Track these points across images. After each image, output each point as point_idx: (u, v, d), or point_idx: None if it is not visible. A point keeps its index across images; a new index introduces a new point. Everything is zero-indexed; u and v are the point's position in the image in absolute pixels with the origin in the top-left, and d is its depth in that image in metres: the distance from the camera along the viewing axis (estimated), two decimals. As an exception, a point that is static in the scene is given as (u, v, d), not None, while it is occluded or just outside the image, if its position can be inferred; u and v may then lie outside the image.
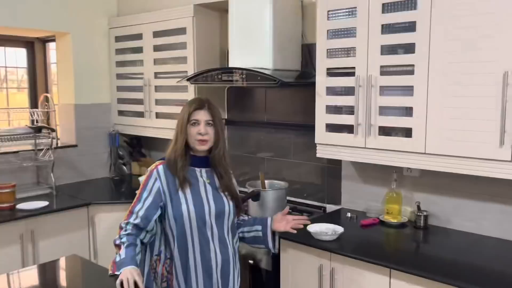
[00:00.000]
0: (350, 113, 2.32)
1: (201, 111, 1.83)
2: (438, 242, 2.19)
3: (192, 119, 1.82)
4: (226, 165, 1.90)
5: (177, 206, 1.79)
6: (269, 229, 1.95)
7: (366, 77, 2.22)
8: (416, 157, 2.11)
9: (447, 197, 2.35)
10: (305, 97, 2.85)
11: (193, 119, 1.82)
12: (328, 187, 2.82)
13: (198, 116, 1.82)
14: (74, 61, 3.52)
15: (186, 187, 1.81)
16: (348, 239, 2.20)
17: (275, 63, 2.64)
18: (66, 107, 3.64)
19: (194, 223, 1.79)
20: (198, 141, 1.81)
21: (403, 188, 2.49)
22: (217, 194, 1.87)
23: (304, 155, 2.91)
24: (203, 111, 1.83)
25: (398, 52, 2.13)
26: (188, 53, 3.08)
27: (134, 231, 1.76)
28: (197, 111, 1.83)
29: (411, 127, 2.11)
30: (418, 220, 2.36)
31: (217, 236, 1.84)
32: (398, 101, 2.15)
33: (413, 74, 2.07)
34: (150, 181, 1.82)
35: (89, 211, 3.00)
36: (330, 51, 2.37)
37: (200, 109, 1.83)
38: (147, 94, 3.39)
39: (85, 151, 3.62)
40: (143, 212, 1.78)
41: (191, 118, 1.82)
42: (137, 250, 1.74)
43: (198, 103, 1.85)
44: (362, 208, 2.68)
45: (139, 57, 3.46)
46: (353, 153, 2.33)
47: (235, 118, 3.28)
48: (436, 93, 2.01)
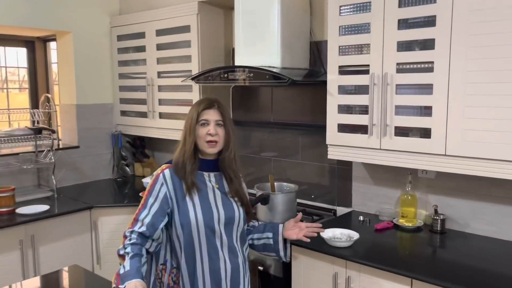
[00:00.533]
0: (364, 112, 2.23)
1: (211, 111, 1.74)
2: (457, 248, 2.09)
3: (201, 119, 1.72)
4: (237, 168, 1.81)
5: (185, 213, 1.70)
6: (280, 236, 1.85)
7: (381, 75, 2.12)
8: (435, 159, 2.01)
9: (464, 200, 2.25)
10: (314, 96, 2.76)
11: (202, 119, 1.72)
12: (338, 189, 2.73)
13: (208, 116, 1.72)
14: (75, 60, 3.43)
15: (194, 193, 1.72)
16: (362, 244, 2.10)
17: (283, 61, 2.54)
18: (67, 108, 3.55)
19: (203, 231, 1.70)
20: (207, 143, 1.72)
21: (417, 190, 2.39)
22: (226, 200, 1.78)
23: (312, 156, 2.82)
24: (212, 110, 1.74)
25: (416, 49, 2.03)
26: (193, 51, 2.99)
27: (139, 240, 1.66)
28: (206, 111, 1.73)
29: (429, 127, 2.01)
30: (435, 224, 2.27)
31: (227, 245, 1.75)
32: (416, 100, 2.05)
33: (432, 71, 1.97)
34: (157, 186, 1.73)
35: (92, 214, 2.92)
36: (342, 48, 2.27)
37: (210, 108, 1.74)
38: (150, 94, 3.30)
39: (87, 152, 3.53)
40: (149, 219, 1.68)
41: (200, 118, 1.72)
42: (142, 260, 1.64)
43: (207, 103, 1.75)
44: (374, 210, 2.59)
45: (142, 56, 3.37)
46: (367, 155, 2.24)
47: (241, 118, 3.18)
48: (458, 91, 1.91)
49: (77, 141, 3.49)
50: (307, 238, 1.83)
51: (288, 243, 1.88)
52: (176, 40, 3.10)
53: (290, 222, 1.87)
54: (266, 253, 1.91)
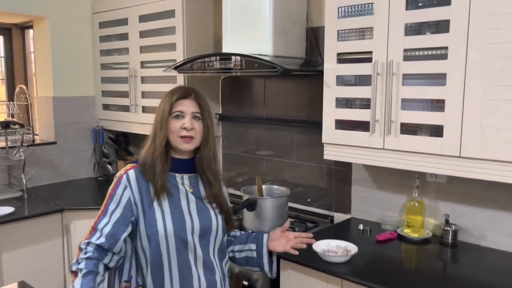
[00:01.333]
0: (365, 107, 1.94)
1: (186, 101, 1.48)
2: (471, 263, 1.81)
3: (175, 110, 1.47)
4: (217, 169, 1.56)
5: (151, 222, 1.43)
6: (265, 248, 1.58)
7: (386, 63, 1.83)
8: (448, 161, 1.72)
9: (480, 208, 1.96)
10: (310, 89, 2.48)
11: (176, 111, 1.47)
12: (336, 192, 2.45)
13: (183, 107, 1.47)
14: (52, 49, 3.16)
15: (163, 198, 1.45)
16: (362, 258, 1.82)
17: (276, 49, 2.26)
18: (44, 100, 3.28)
19: (172, 243, 1.44)
20: (182, 138, 1.46)
21: (425, 196, 2.10)
22: (202, 207, 1.52)
23: (308, 155, 2.54)
24: (188, 100, 1.49)
25: (427, 32, 1.74)
26: (177, 38, 2.71)
27: (95, 254, 1.41)
28: (181, 101, 1.48)
29: (442, 124, 1.72)
30: (446, 235, 1.98)
31: (201, 259, 1.48)
32: (425, 92, 1.76)
33: (446, 58, 1.68)
34: (119, 189, 1.46)
35: (64, 217, 2.64)
36: (341, 32, 1.98)
37: (185, 98, 1.49)
38: (133, 86, 3.02)
39: (65, 148, 3.26)
40: (109, 229, 1.42)
41: (173, 110, 1.47)
42: (97, 279, 1.38)
43: (183, 91, 1.50)
44: (376, 218, 2.30)
45: (124, 45, 3.09)
46: (369, 155, 1.95)
47: (231, 113, 2.91)
48: (476, 82, 1.62)
49: (54, 137, 3.21)
50: (295, 251, 1.56)
51: (274, 256, 1.62)
52: (160, 26, 2.82)
53: (276, 232, 1.60)
54: (249, 268, 1.64)
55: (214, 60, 2.28)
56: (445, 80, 1.69)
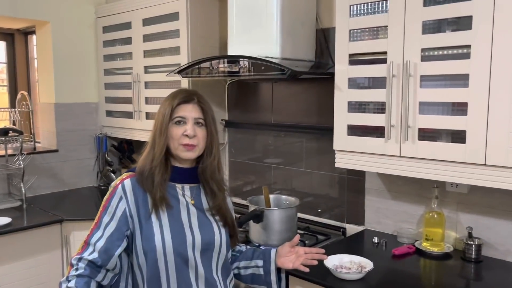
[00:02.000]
0: (379, 111, 1.81)
1: (189, 106, 1.37)
2: (496, 281, 1.65)
3: (176, 116, 1.36)
4: (221, 179, 1.45)
5: (149, 237, 1.32)
6: (272, 265, 1.46)
7: (402, 64, 1.70)
8: (471, 170, 1.58)
9: (506, 221, 1.81)
10: (320, 93, 2.35)
11: (178, 116, 1.36)
12: (348, 203, 2.31)
13: (185, 113, 1.36)
14: (54, 54, 3.08)
15: (162, 211, 1.34)
16: (377, 275, 1.68)
17: (284, 52, 2.14)
18: (46, 107, 3.19)
19: (171, 260, 1.32)
20: (184, 146, 1.35)
21: (445, 207, 1.96)
22: (204, 220, 1.40)
23: (319, 163, 2.40)
24: (191, 105, 1.38)
25: (447, 30, 1.61)
26: (181, 42, 2.61)
27: (87, 271, 1.29)
28: (183, 106, 1.37)
29: (464, 129, 1.58)
30: (468, 250, 1.83)
31: (203, 278, 1.36)
32: (446, 95, 1.62)
33: (468, 58, 1.55)
34: (113, 200, 1.35)
35: (63, 228, 2.53)
36: (353, 32, 1.86)
37: (187, 102, 1.38)
38: (136, 91, 2.93)
39: (67, 156, 3.17)
40: (102, 243, 1.31)
41: (175, 115, 1.36)
42: (88, 300, 1.27)
43: (185, 95, 1.39)
44: (391, 230, 2.16)
45: (127, 50, 2.99)
46: (384, 164, 1.81)
47: (237, 119, 2.79)
48: (502, 83, 1.48)
49: (56, 144, 3.12)
50: (305, 267, 1.44)
51: (283, 274, 1.49)
52: (164, 30, 2.72)
53: (284, 247, 1.48)
54: (255, 286, 1.51)
55: (219, 64, 2.16)
56: (468, 81, 1.55)
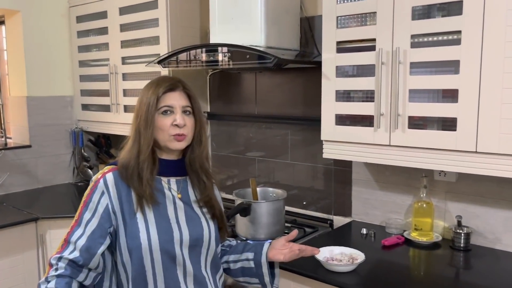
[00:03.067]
0: (368, 100, 1.77)
1: (175, 94, 1.29)
2: (485, 269, 1.65)
3: (163, 105, 1.27)
4: (209, 169, 1.38)
5: (133, 234, 1.24)
6: (264, 257, 1.39)
7: (391, 51, 1.66)
8: (462, 158, 1.56)
9: (494, 209, 1.81)
10: (306, 83, 2.31)
11: (165, 106, 1.27)
12: (336, 194, 2.27)
13: (172, 101, 1.28)
14: (25, 45, 2.92)
15: (148, 207, 1.26)
16: (368, 266, 1.65)
17: (268, 40, 2.08)
18: (17, 100, 3.04)
19: (158, 257, 1.25)
20: (174, 137, 1.27)
21: (433, 196, 1.94)
22: (192, 214, 1.33)
23: (305, 155, 2.36)
24: (177, 93, 1.30)
25: (437, 15, 1.58)
26: (161, 31, 2.51)
27: (68, 271, 1.21)
28: (169, 94, 1.28)
29: (455, 117, 1.56)
30: (457, 238, 1.82)
31: (192, 275, 1.30)
32: (436, 82, 1.60)
33: (459, 44, 1.52)
34: (95, 196, 1.27)
35: (38, 227, 2.42)
36: (341, 19, 1.81)
37: (173, 90, 1.29)
38: (114, 83, 2.81)
39: (41, 152, 3.03)
40: (83, 241, 1.23)
41: (161, 105, 1.27)
42: (69, 301, 1.19)
43: (170, 83, 1.30)
44: (379, 221, 2.14)
45: (103, 40, 2.87)
46: (373, 153, 1.78)
47: (220, 111, 2.72)
48: (493, 69, 1.46)
49: (29, 140, 2.98)
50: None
51: (277, 269, 1.43)
52: (142, 18, 2.61)
53: (279, 241, 1.42)
54: (246, 280, 1.45)
55: (201, 53, 2.09)
56: (459, 67, 1.53)
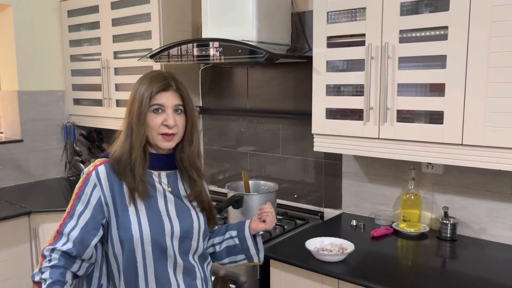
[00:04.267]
0: (358, 94, 1.81)
1: (167, 93, 1.30)
2: (471, 258, 1.70)
3: (155, 103, 1.28)
4: (200, 166, 1.41)
5: (125, 226, 1.27)
6: (247, 231, 1.42)
7: (380, 46, 1.70)
8: (449, 150, 1.60)
9: (479, 200, 1.86)
10: (297, 78, 2.34)
11: (156, 104, 1.29)
12: (326, 187, 2.31)
13: (163, 100, 1.29)
14: (16, 39, 2.91)
15: (140, 200, 1.28)
16: (358, 256, 1.69)
17: (260, 35, 2.11)
18: (8, 95, 3.03)
19: (149, 249, 1.27)
20: (162, 136, 1.29)
21: (421, 188, 1.99)
22: (182, 207, 1.36)
23: (296, 149, 2.40)
24: (170, 92, 1.30)
25: (425, 11, 1.62)
26: (153, 26, 2.52)
27: (62, 262, 1.24)
28: (162, 93, 1.29)
29: (442, 110, 1.60)
30: (444, 229, 1.87)
31: (182, 266, 1.33)
32: (424, 76, 1.64)
33: (446, 39, 1.56)
34: (87, 188, 1.28)
35: (31, 221, 2.42)
36: (331, 14, 1.84)
37: (166, 90, 1.30)
38: (106, 78, 2.82)
39: (33, 147, 3.03)
40: (77, 233, 1.25)
41: (153, 102, 1.28)
42: (64, 290, 1.21)
43: (163, 82, 1.30)
44: (368, 213, 2.18)
45: (95, 34, 2.87)
46: (363, 146, 1.82)
47: (212, 106, 2.74)
48: (479, 64, 1.50)
49: (20, 134, 2.97)
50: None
51: (260, 243, 1.45)
52: (134, 13, 2.62)
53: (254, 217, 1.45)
54: (232, 260, 1.46)
55: (193, 47, 2.10)
56: (445, 62, 1.57)
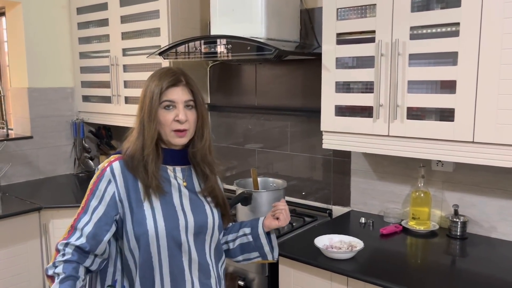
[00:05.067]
0: (368, 91, 1.80)
1: (177, 89, 1.31)
2: (481, 257, 1.69)
3: (165, 100, 1.29)
4: (213, 161, 1.41)
5: (140, 221, 1.27)
6: (260, 228, 1.43)
7: (391, 42, 1.69)
8: (460, 147, 1.59)
9: (490, 198, 1.85)
10: (306, 75, 2.33)
11: (167, 100, 1.29)
12: (334, 184, 2.31)
13: (174, 96, 1.30)
14: (26, 36, 2.93)
15: (155, 196, 1.29)
16: (366, 254, 1.69)
17: (268, 32, 2.10)
18: (18, 92, 3.05)
19: (164, 244, 1.28)
20: (175, 132, 1.30)
21: (431, 186, 1.98)
22: (197, 202, 1.36)
23: (304, 146, 2.39)
24: (180, 88, 1.31)
25: (436, 7, 1.60)
26: (161, 23, 2.53)
27: (75, 257, 1.25)
28: (172, 89, 1.30)
29: (453, 107, 1.59)
30: (454, 227, 1.86)
31: (197, 262, 1.33)
32: (435, 73, 1.63)
33: (457, 35, 1.55)
34: (101, 184, 1.29)
35: (41, 217, 2.45)
36: (341, 11, 1.83)
37: (176, 85, 1.31)
38: (114, 75, 2.83)
39: (42, 143, 3.05)
40: (90, 228, 1.26)
41: (163, 99, 1.29)
42: (77, 285, 1.23)
43: (172, 77, 1.31)
44: (377, 211, 2.17)
45: (104, 32, 2.89)
46: (372, 143, 1.81)
47: (220, 103, 2.74)
48: (491, 60, 1.49)
49: (30, 131, 3.00)
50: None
51: (275, 240, 1.46)
52: (143, 10, 2.62)
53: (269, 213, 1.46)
54: (246, 258, 1.47)
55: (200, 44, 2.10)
56: (457, 59, 1.56)
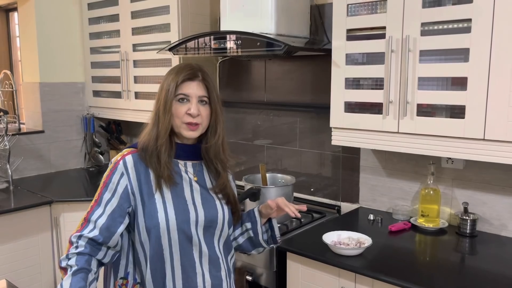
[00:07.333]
0: (377, 87, 1.79)
1: (193, 83, 1.32)
2: (491, 255, 1.68)
3: (180, 93, 1.31)
4: (226, 158, 1.41)
5: (152, 214, 1.29)
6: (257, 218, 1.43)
7: (401, 39, 1.68)
8: (470, 145, 1.58)
9: (500, 196, 1.83)
10: (315, 71, 2.32)
11: (181, 94, 1.31)
12: (343, 181, 2.31)
13: (189, 90, 1.31)
14: (38, 32, 2.96)
15: (166, 188, 1.30)
16: (375, 251, 1.68)
17: (278, 28, 2.10)
18: (30, 86, 3.09)
19: (175, 237, 1.30)
20: (186, 125, 1.31)
21: (440, 183, 1.97)
22: (208, 197, 1.37)
23: (313, 142, 2.39)
24: (195, 82, 1.32)
25: (448, 3, 1.59)
26: (172, 18, 2.53)
27: (88, 249, 1.26)
28: (187, 83, 1.32)
29: (463, 104, 1.58)
30: (463, 225, 1.85)
31: (207, 255, 1.34)
32: (446, 70, 1.61)
33: (469, 32, 1.53)
34: (114, 177, 1.31)
35: (52, 210, 2.48)
36: (351, 6, 1.83)
37: (192, 80, 1.32)
38: (125, 70, 2.85)
39: (53, 138, 3.09)
40: (103, 220, 1.28)
41: (178, 92, 1.31)
42: (89, 278, 1.24)
43: (189, 72, 1.33)
44: (386, 208, 2.17)
45: (115, 27, 2.90)
46: (382, 140, 1.80)
47: (229, 99, 2.75)
48: (503, 57, 1.47)
49: (42, 125, 3.03)
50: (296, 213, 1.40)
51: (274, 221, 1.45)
52: (153, 6, 2.64)
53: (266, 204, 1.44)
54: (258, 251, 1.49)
55: (210, 40, 2.11)
56: (468, 55, 1.54)
